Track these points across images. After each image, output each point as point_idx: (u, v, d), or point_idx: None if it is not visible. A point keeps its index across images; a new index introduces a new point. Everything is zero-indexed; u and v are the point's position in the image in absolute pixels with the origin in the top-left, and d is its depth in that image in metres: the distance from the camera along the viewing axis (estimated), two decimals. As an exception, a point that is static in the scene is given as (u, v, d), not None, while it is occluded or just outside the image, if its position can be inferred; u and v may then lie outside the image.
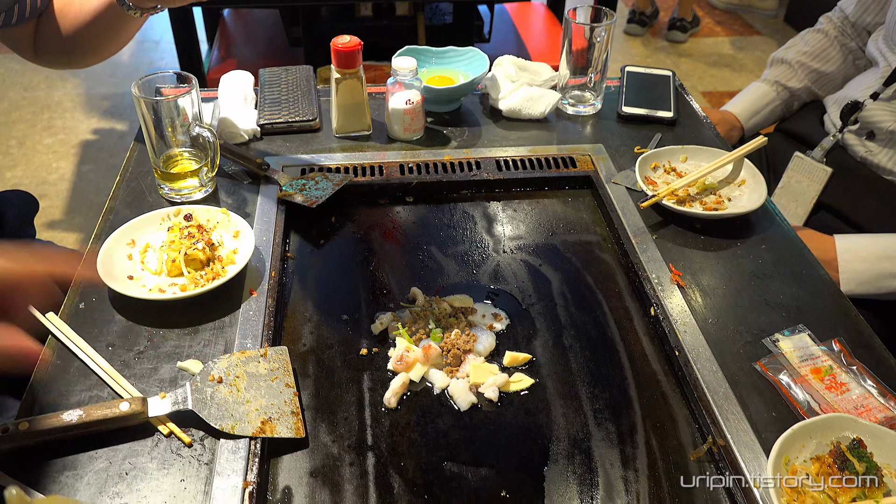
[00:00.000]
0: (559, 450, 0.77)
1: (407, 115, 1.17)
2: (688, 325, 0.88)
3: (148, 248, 0.94)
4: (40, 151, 2.75)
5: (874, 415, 0.77)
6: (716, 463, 0.76)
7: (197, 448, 0.73)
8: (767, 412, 0.78)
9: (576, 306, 0.94)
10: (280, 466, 0.74)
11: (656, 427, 0.79)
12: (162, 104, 0.97)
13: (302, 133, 1.23)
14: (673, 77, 1.39)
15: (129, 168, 1.13)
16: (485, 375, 0.83)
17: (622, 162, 1.17)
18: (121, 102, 3.06)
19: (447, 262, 1.01)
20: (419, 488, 0.72)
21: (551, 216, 1.10)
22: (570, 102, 1.30)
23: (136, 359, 0.82)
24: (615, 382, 0.84)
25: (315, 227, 1.07)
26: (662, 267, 0.96)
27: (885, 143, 1.30)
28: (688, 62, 3.56)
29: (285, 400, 0.78)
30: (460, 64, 1.32)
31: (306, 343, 0.88)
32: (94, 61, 1.14)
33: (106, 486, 0.69)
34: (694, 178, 1.07)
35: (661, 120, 1.28)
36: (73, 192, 2.54)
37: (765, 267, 0.97)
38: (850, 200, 1.35)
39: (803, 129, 1.51)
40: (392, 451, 0.76)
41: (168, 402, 0.74)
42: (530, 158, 1.18)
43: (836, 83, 1.57)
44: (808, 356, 0.84)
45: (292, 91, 1.29)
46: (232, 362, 0.79)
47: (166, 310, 0.87)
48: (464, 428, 0.79)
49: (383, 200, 1.13)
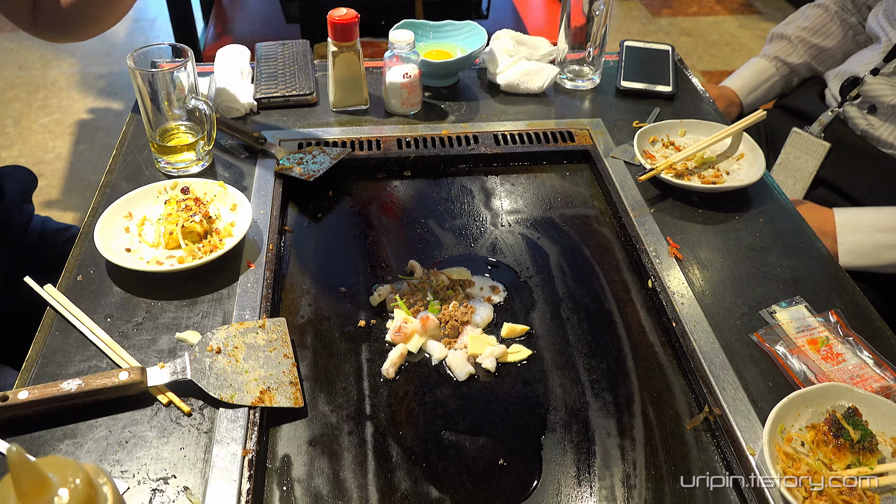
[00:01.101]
0: (556, 419, 0.77)
1: (404, 89, 1.17)
2: (685, 298, 0.88)
3: (145, 221, 0.94)
4: (36, 131, 2.74)
5: (870, 384, 0.77)
6: (712, 432, 0.76)
7: (196, 417, 0.73)
8: (764, 382, 0.78)
9: (574, 279, 0.95)
10: (279, 435, 0.74)
11: (653, 397, 0.80)
12: (158, 76, 0.97)
13: (299, 107, 1.22)
14: (672, 51, 1.38)
15: (126, 142, 1.12)
16: (482, 346, 0.83)
17: (620, 136, 1.17)
18: (116, 81, 3.04)
19: (445, 235, 1.01)
20: (417, 457, 0.73)
21: (549, 190, 1.10)
22: (568, 77, 1.30)
23: (135, 330, 0.82)
24: (612, 353, 0.85)
25: (313, 200, 1.06)
26: (660, 240, 0.96)
27: (886, 117, 1.30)
28: (687, 41, 3.54)
29: (284, 370, 0.78)
30: (458, 38, 1.32)
31: (304, 315, 0.88)
32: (93, 33, 1.13)
33: (106, 454, 0.69)
34: (692, 152, 1.07)
35: (659, 94, 1.27)
36: (69, 172, 2.53)
37: (762, 240, 0.97)
38: (848, 175, 1.35)
39: (802, 105, 1.51)
40: (390, 421, 0.76)
41: (167, 372, 0.74)
42: (528, 133, 1.17)
43: (835, 59, 1.56)
44: (804, 327, 0.84)
45: (289, 65, 1.28)
46: (230, 333, 0.80)
47: (164, 282, 0.87)
48: (461, 398, 0.79)
49: (381, 175, 1.12)
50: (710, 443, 0.75)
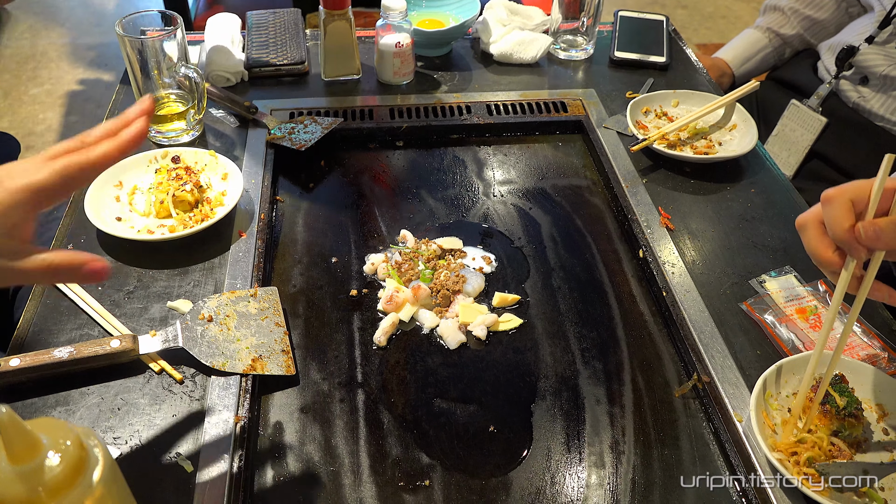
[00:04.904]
0: (546, 387, 0.78)
1: (397, 59, 1.16)
2: (676, 267, 0.88)
3: (136, 190, 0.94)
4: (26, 102, 2.71)
5: (857, 353, 0.78)
6: (700, 399, 0.77)
7: (188, 385, 0.73)
8: (752, 350, 0.79)
9: (565, 249, 0.95)
10: (271, 403, 0.75)
11: (643, 365, 0.81)
12: (147, 44, 0.96)
13: (290, 77, 1.21)
14: (666, 22, 1.37)
15: (115, 111, 1.11)
16: (474, 315, 0.83)
17: (613, 107, 1.16)
18: (106, 52, 3.01)
19: (437, 205, 1.01)
20: (408, 423, 0.74)
21: (542, 160, 1.10)
22: (562, 47, 1.29)
23: (126, 299, 0.82)
24: (603, 322, 0.85)
25: (304, 170, 1.06)
26: (652, 210, 0.96)
27: (878, 87, 1.30)
28: (683, 13, 3.51)
29: (275, 339, 0.78)
30: (451, 7, 1.30)
31: (296, 284, 0.88)
32: None
33: (98, 421, 0.69)
34: (685, 123, 1.07)
35: (653, 65, 1.27)
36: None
37: (754, 210, 0.98)
38: (841, 148, 1.35)
39: (795, 78, 1.50)
40: (382, 388, 0.77)
41: (158, 340, 0.75)
42: (521, 103, 1.17)
43: (828, 31, 1.55)
44: (793, 296, 0.85)
45: (280, 34, 1.27)
46: (222, 302, 0.80)
47: (155, 251, 0.87)
48: (452, 366, 0.80)
49: (373, 145, 1.12)
50: (698, 410, 0.76)
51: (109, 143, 0.56)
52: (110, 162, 0.56)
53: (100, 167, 0.56)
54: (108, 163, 0.56)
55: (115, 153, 0.56)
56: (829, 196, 0.62)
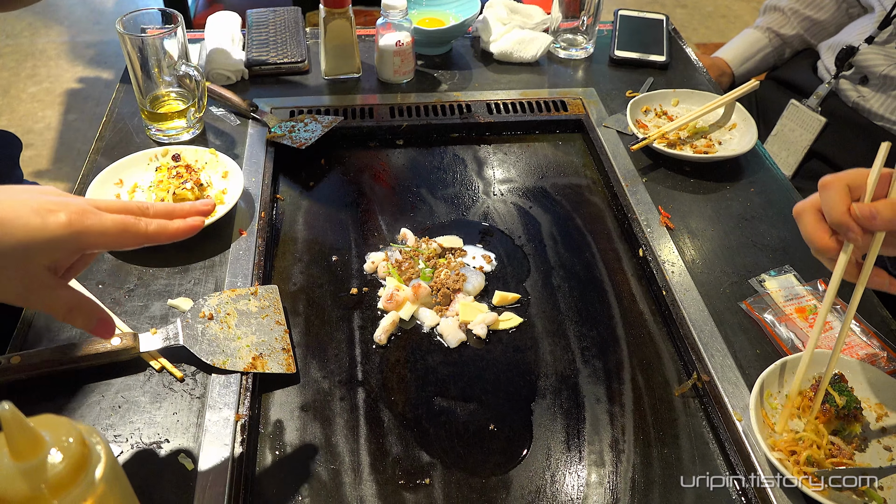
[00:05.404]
0: (546, 385, 0.78)
1: (397, 57, 1.16)
2: (675, 266, 0.88)
3: (136, 188, 0.94)
4: (25, 100, 2.71)
5: (856, 352, 0.78)
6: (700, 398, 0.77)
7: (189, 383, 0.73)
8: (752, 349, 0.79)
9: (565, 247, 0.95)
10: (272, 401, 0.75)
11: (643, 364, 0.81)
12: (148, 42, 0.96)
13: (290, 75, 1.21)
14: (666, 21, 1.37)
15: (116, 109, 1.11)
16: (474, 314, 0.83)
17: (613, 106, 1.17)
18: (106, 50, 3.01)
19: (437, 204, 1.01)
20: (409, 422, 0.74)
21: (542, 159, 1.10)
22: (562, 46, 1.29)
23: (127, 297, 0.82)
24: (603, 321, 0.85)
25: (305, 169, 1.06)
26: (652, 209, 0.97)
27: (877, 87, 1.30)
28: (683, 12, 3.51)
29: (276, 337, 0.78)
30: (451, 6, 1.30)
31: (297, 283, 0.88)
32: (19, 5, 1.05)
33: (99, 419, 0.69)
34: (685, 122, 1.07)
35: (653, 64, 1.27)
36: (59, 142, 2.51)
37: (753, 209, 0.98)
38: (841, 148, 1.35)
39: (795, 77, 1.50)
40: (382, 387, 0.77)
41: (159, 338, 0.75)
42: (521, 102, 1.17)
43: (828, 31, 1.55)
44: (793, 296, 0.85)
45: (280, 32, 1.27)
46: (222, 300, 0.80)
47: (155, 249, 0.87)
48: (453, 364, 0.80)
49: (373, 143, 1.12)
50: (698, 409, 0.76)
51: (162, 225, 0.59)
52: (158, 241, 0.59)
53: (149, 240, 0.59)
54: (156, 241, 0.59)
55: (163, 236, 0.60)
56: (827, 181, 0.63)
